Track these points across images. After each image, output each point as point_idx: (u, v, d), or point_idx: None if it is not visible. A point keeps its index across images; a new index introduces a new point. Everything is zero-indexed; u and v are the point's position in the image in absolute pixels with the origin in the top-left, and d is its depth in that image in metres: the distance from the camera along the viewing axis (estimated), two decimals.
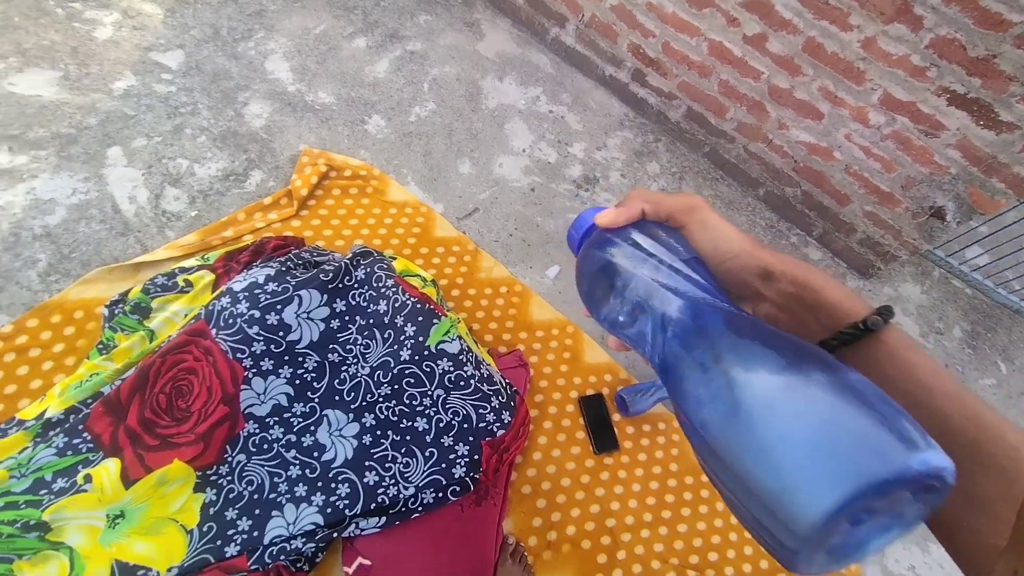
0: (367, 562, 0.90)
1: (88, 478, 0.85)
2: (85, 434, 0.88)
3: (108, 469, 0.85)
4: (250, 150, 1.37)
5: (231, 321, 0.92)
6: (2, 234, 1.10)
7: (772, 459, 0.20)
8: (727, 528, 1.15)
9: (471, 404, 0.97)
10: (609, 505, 1.11)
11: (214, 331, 0.92)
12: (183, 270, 1.09)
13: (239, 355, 0.92)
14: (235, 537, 0.87)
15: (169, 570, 0.83)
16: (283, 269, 1.00)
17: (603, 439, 1.17)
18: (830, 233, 1.63)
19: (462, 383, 0.97)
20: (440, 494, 0.96)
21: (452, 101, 1.63)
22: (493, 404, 0.99)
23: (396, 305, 0.99)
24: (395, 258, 1.21)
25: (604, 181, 1.62)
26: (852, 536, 0.20)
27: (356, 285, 1.02)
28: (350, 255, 1.06)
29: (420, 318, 0.98)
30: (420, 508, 0.95)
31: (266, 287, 0.95)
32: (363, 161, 1.43)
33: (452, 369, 0.97)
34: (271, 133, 1.41)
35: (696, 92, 1.60)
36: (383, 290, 1.01)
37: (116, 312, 1.03)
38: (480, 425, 0.98)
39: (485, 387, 1.00)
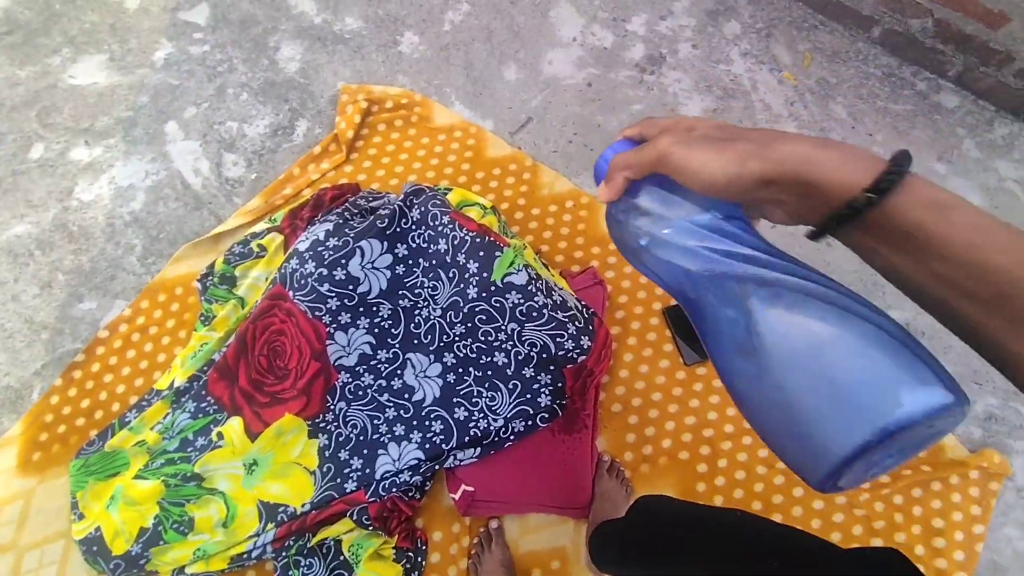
0: (470, 488, 0.96)
1: (220, 435, 0.96)
2: (209, 398, 0.98)
3: (233, 427, 0.96)
4: (291, 99, 1.33)
5: (303, 282, 0.94)
6: (100, 226, 1.20)
7: (794, 412, 0.23)
8: None
9: (547, 334, 0.94)
10: (706, 415, 1.07)
11: (291, 293, 0.96)
12: (254, 236, 1.12)
13: (317, 313, 0.95)
14: (351, 475, 0.96)
15: (303, 506, 0.94)
16: (340, 222, 0.99)
17: (692, 349, 1.11)
18: (973, 70, 1.29)
19: (534, 314, 0.94)
20: (529, 422, 0.98)
21: None
22: (570, 331, 0.95)
23: (455, 242, 0.96)
24: (450, 190, 1.15)
25: (672, 58, 1.39)
26: (872, 464, 0.23)
27: (413, 227, 0.99)
28: (402, 195, 1.02)
29: (481, 252, 0.94)
30: (512, 437, 0.98)
31: (327, 243, 0.95)
32: (402, 88, 1.34)
33: (522, 301, 0.93)
34: (307, 76, 1.35)
35: None
36: (440, 228, 0.97)
37: (207, 284, 1.10)
38: (559, 354, 0.95)
39: (559, 314, 0.95)
